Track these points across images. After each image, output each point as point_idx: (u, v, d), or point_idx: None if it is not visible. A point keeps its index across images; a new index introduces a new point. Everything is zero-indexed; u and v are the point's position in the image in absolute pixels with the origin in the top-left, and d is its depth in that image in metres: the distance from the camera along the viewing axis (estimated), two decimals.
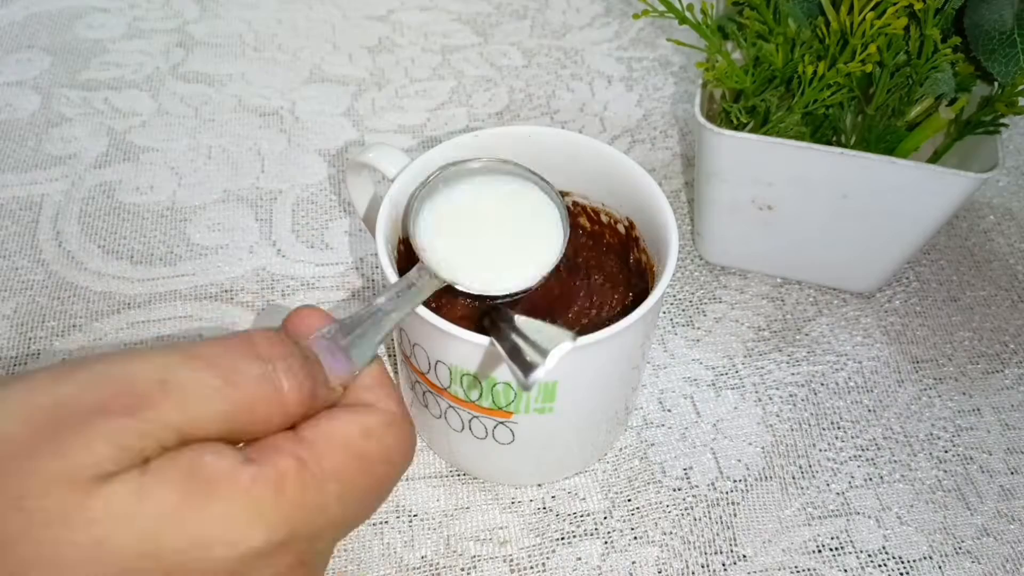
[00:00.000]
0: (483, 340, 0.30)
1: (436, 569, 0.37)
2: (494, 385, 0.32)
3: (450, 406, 0.34)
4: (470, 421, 0.34)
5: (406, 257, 0.38)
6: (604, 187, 0.39)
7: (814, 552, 0.38)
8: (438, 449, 0.40)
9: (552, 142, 0.38)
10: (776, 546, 0.38)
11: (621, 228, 0.39)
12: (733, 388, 0.44)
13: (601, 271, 0.40)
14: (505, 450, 0.35)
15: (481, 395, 0.33)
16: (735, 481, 0.40)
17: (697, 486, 0.40)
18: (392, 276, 0.32)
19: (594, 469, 0.40)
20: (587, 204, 0.40)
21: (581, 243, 0.41)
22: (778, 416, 0.43)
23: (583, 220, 0.41)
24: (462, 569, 0.37)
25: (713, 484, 0.40)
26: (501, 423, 0.34)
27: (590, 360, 0.32)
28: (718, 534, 0.39)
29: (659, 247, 0.35)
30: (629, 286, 0.39)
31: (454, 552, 0.37)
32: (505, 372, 0.31)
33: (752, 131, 0.43)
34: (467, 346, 0.30)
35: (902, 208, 0.41)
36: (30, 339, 0.44)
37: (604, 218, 0.40)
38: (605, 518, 0.39)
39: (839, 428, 0.42)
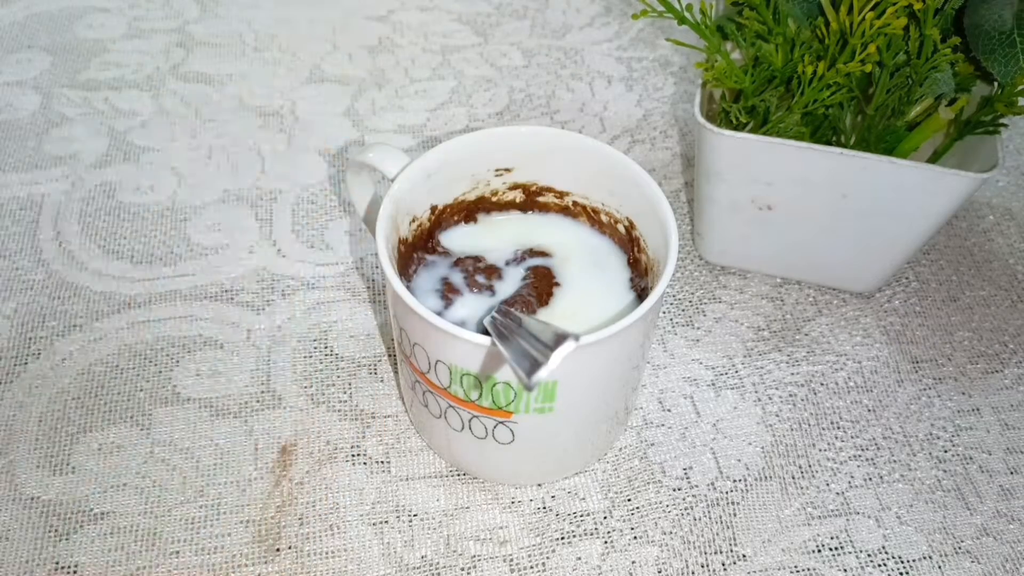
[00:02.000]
0: (483, 340, 0.30)
1: (436, 569, 0.37)
2: (494, 385, 0.32)
3: (450, 406, 0.34)
4: (470, 421, 0.34)
5: (406, 257, 0.38)
6: (604, 187, 0.39)
7: (814, 552, 0.38)
8: (438, 449, 0.40)
9: (552, 142, 0.38)
10: (776, 546, 0.38)
11: (621, 228, 0.39)
12: (733, 388, 0.44)
13: None
14: (505, 450, 0.35)
15: (481, 395, 0.33)
16: (735, 481, 0.40)
17: (697, 486, 0.40)
18: (392, 276, 0.32)
19: (594, 469, 0.40)
20: (587, 204, 0.40)
21: None
22: (777, 416, 0.43)
23: (583, 220, 0.41)
24: (462, 569, 0.37)
25: (713, 484, 0.40)
26: (501, 423, 0.34)
27: (590, 360, 0.32)
28: (718, 534, 0.39)
29: (659, 247, 0.35)
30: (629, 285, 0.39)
31: (454, 552, 0.38)
32: (506, 372, 0.31)
33: (752, 131, 0.43)
34: (467, 346, 0.30)
35: (902, 208, 0.41)
36: (30, 339, 0.44)
37: (604, 218, 0.40)
38: (605, 518, 0.39)
39: (839, 428, 0.43)
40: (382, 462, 0.40)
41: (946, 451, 0.42)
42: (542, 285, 0.38)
